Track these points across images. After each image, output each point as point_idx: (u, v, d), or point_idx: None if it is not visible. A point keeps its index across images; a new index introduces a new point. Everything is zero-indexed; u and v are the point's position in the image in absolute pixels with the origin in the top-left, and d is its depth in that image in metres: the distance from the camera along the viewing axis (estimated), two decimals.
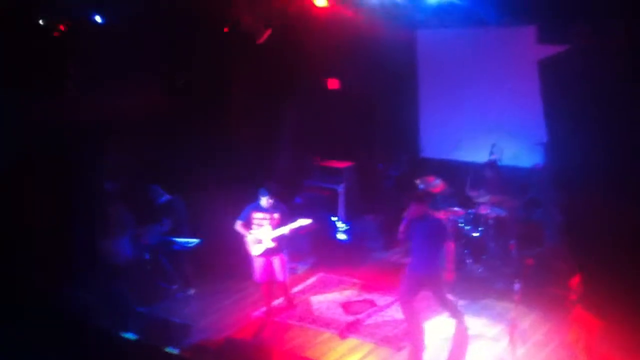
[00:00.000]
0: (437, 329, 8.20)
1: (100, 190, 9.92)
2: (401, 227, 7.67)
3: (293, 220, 8.68)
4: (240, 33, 10.21)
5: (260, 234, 8.64)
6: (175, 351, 8.12)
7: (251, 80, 11.27)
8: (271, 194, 8.60)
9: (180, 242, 9.61)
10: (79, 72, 9.98)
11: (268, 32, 10.04)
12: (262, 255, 8.72)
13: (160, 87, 10.69)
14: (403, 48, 11.35)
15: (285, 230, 8.62)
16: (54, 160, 9.35)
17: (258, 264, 8.79)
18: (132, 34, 9.98)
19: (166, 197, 9.86)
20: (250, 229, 8.70)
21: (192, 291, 9.75)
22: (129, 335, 8.48)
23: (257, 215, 8.70)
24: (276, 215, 8.65)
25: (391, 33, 10.60)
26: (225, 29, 10.31)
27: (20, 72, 9.28)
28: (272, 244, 8.64)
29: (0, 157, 9.07)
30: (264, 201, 8.63)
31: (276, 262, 8.76)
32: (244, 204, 8.83)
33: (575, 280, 7.70)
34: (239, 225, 8.74)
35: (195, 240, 9.65)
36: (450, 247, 7.71)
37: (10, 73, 9.19)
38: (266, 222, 8.63)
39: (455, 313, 7.79)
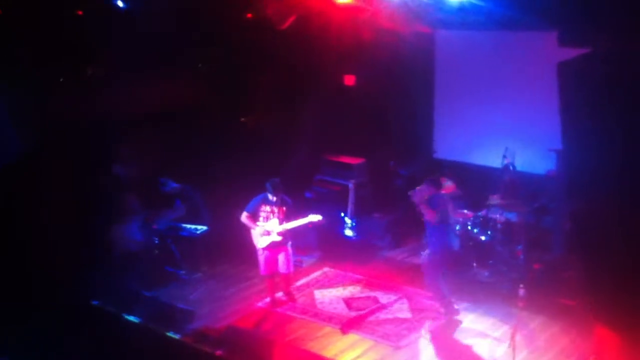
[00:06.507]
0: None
1: (110, 177, 10.03)
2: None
3: (299, 214, 8.69)
4: (260, 24, 10.14)
5: (268, 226, 8.66)
6: (176, 336, 8.22)
7: (269, 74, 11.28)
8: (275, 190, 8.59)
9: (188, 229, 9.70)
10: (99, 60, 10.00)
11: (292, 18, 9.89)
12: (267, 248, 8.74)
13: (178, 79, 10.71)
14: (421, 48, 11.25)
15: (294, 224, 8.64)
16: (69, 148, 9.42)
17: (263, 257, 8.82)
18: (149, 20, 9.95)
19: (175, 186, 9.93)
20: (257, 221, 8.72)
21: (198, 277, 9.81)
22: (133, 319, 8.60)
23: (265, 208, 8.71)
24: (283, 209, 8.66)
25: (410, 32, 10.55)
26: (249, 15, 10.25)
27: (40, 59, 9.34)
28: (278, 238, 8.67)
29: (18, 145, 9.16)
30: (271, 195, 8.65)
31: (281, 255, 8.79)
32: (255, 195, 8.85)
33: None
34: (245, 217, 8.75)
35: (203, 228, 9.73)
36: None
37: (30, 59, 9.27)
38: (273, 216, 8.66)
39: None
